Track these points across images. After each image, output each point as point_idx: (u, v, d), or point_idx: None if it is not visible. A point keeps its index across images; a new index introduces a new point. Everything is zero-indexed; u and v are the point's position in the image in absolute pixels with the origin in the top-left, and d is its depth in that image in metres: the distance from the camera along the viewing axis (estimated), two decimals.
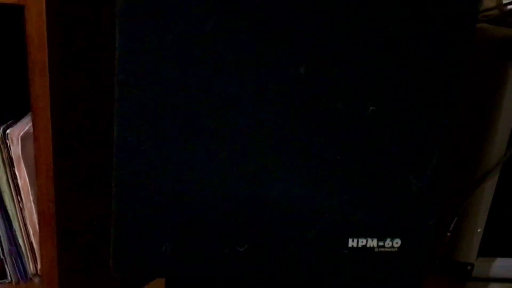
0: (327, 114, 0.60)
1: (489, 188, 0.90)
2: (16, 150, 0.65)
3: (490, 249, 0.96)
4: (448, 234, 0.94)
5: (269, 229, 0.64)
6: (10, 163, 0.66)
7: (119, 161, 0.60)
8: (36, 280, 0.73)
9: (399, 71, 0.59)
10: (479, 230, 0.92)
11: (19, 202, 0.68)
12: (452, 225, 0.93)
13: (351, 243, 0.64)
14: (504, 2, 0.91)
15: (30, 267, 0.72)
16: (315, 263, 0.65)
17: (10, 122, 0.68)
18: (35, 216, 0.68)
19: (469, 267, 0.95)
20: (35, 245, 0.71)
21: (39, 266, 0.72)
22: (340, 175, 0.62)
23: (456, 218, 0.93)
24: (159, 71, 0.57)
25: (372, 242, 0.65)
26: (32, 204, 0.68)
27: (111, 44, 0.56)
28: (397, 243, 0.65)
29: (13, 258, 0.71)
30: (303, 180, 0.62)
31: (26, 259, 0.72)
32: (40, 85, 0.58)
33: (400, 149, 0.61)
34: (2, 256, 0.71)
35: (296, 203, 0.63)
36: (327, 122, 0.60)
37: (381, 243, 0.65)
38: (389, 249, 0.65)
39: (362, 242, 0.65)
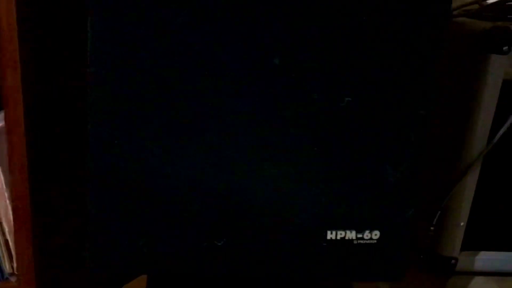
0: (303, 105, 0.59)
1: (471, 182, 0.90)
2: None
3: (473, 243, 0.96)
4: (432, 228, 0.94)
5: (247, 223, 0.63)
6: None
7: (93, 155, 0.59)
8: (13, 279, 0.72)
9: (374, 62, 0.59)
10: (462, 224, 0.92)
11: None
12: (435, 220, 0.93)
13: (330, 235, 0.64)
14: None
15: (6, 266, 0.71)
16: (294, 256, 0.65)
17: None
18: (10, 214, 0.67)
19: (453, 261, 0.95)
20: (11, 244, 0.70)
21: (15, 265, 0.71)
22: (317, 167, 0.62)
23: (439, 212, 0.93)
24: (131, 64, 0.56)
25: (351, 234, 0.64)
26: (7, 201, 0.67)
27: (84, 36, 0.55)
28: (376, 235, 0.65)
29: None
30: (280, 172, 0.62)
31: (2, 258, 0.70)
32: (12, 79, 0.57)
33: (377, 139, 0.61)
34: None
35: (274, 196, 0.62)
36: (303, 114, 0.60)
37: (360, 235, 0.64)
38: (368, 241, 0.65)
39: (340, 234, 0.64)
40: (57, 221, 0.72)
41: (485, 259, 0.97)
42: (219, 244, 0.64)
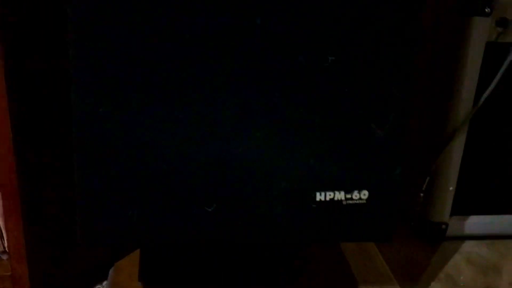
0: (288, 66, 0.59)
1: (458, 146, 0.91)
2: None
3: (463, 208, 0.97)
4: (421, 195, 0.95)
5: (236, 187, 0.63)
6: None
7: (79, 127, 0.59)
8: (4, 257, 0.72)
9: (356, 20, 0.59)
10: (451, 188, 0.93)
11: None
12: (424, 186, 0.94)
13: (319, 197, 0.64)
14: None
15: None
16: (284, 219, 0.65)
17: None
18: None
19: (443, 226, 0.96)
20: (1, 223, 0.70)
21: (6, 243, 0.71)
22: (304, 129, 0.62)
23: (428, 178, 0.94)
24: (114, 33, 0.56)
25: (340, 195, 0.65)
26: None
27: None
28: (364, 194, 0.65)
29: None
30: (267, 136, 0.62)
31: None
32: None
33: (361, 98, 0.61)
34: None
35: (262, 159, 0.62)
36: (289, 76, 0.60)
37: (348, 196, 0.65)
38: (357, 201, 0.65)
39: (329, 195, 0.64)
40: (46, 196, 0.72)
41: (475, 223, 0.98)
42: (210, 210, 0.64)
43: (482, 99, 0.86)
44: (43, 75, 0.67)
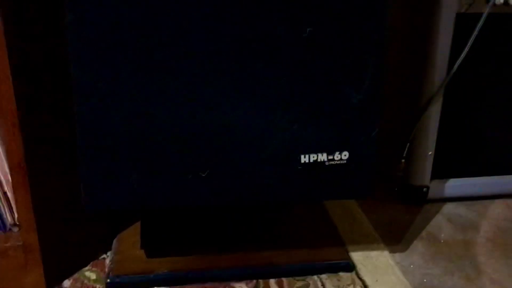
0: (269, 38, 0.65)
1: (435, 112, 0.96)
2: None
3: (443, 171, 1.03)
4: (403, 160, 1.01)
5: (227, 153, 0.69)
6: None
7: (79, 99, 0.64)
8: (15, 229, 0.76)
9: None
10: (430, 153, 0.99)
11: None
12: (405, 152, 1.00)
13: (304, 159, 0.70)
14: None
15: (8, 218, 0.76)
16: (272, 181, 0.71)
17: None
18: (5, 165, 0.71)
19: (424, 189, 1.02)
20: (9, 195, 0.75)
21: (16, 215, 0.76)
22: (286, 96, 0.67)
23: (408, 145, 0.99)
24: (107, 7, 0.60)
25: (323, 156, 0.70)
26: (1, 151, 0.72)
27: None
28: (345, 155, 0.71)
29: None
30: (253, 104, 0.67)
31: (3, 210, 0.75)
32: None
33: (338, 66, 0.66)
34: None
35: (249, 126, 0.68)
36: (271, 47, 0.65)
37: (330, 157, 0.70)
38: (339, 162, 0.71)
39: (313, 157, 0.70)
40: (53, 167, 0.76)
41: (455, 185, 1.04)
42: (203, 175, 0.69)
43: (455, 66, 0.92)
44: (43, 55, 0.72)
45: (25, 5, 0.68)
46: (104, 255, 0.85)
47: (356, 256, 0.86)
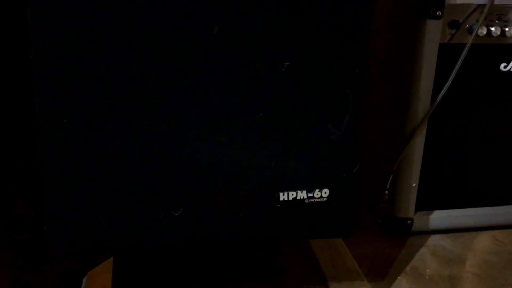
0: (247, 73, 0.62)
1: (418, 143, 0.94)
2: None
3: (427, 203, 1.01)
4: (386, 192, 0.99)
5: (201, 190, 0.66)
6: None
7: (44, 136, 0.60)
8: None
9: (309, 27, 0.62)
10: (414, 185, 0.97)
11: None
12: (388, 183, 0.98)
13: (282, 196, 0.67)
14: None
15: None
16: (250, 219, 0.67)
17: None
18: None
19: (408, 221, 1.00)
20: None
21: None
22: (264, 132, 0.64)
23: (391, 176, 0.97)
24: (74, 37, 0.57)
25: (302, 194, 0.67)
26: None
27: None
28: (325, 193, 0.68)
29: None
30: (229, 140, 0.64)
31: None
32: None
33: (318, 101, 0.64)
34: None
35: (225, 162, 0.65)
36: (248, 81, 0.62)
37: (310, 194, 0.67)
38: (319, 199, 0.68)
39: (292, 195, 0.67)
40: (16, 207, 0.73)
41: (439, 217, 1.02)
42: (176, 214, 0.66)
43: (439, 97, 0.90)
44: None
45: None
46: None
47: None
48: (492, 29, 0.89)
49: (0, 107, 0.71)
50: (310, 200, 0.68)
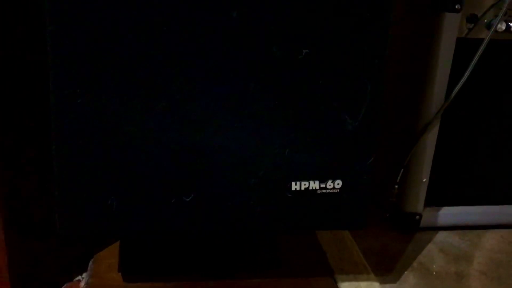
0: (263, 59, 0.61)
1: (430, 139, 0.93)
2: None
3: (436, 199, 1.00)
4: (396, 187, 0.98)
5: (214, 177, 0.65)
6: None
7: (57, 116, 0.60)
8: None
9: (329, 14, 0.60)
10: (424, 180, 0.96)
11: None
12: (398, 178, 0.97)
13: (294, 186, 0.66)
14: None
15: None
16: (261, 208, 0.67)
17: None
18: None
19: (417, 217, 0.99)
20: None
21: None
22: (279, 119, 0.64)
23: (402, 170, 0.96)
24: (90, 18, 0.56)
25: (314, 184, 0.67)
26: None
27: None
28: (338, 184, 0.67)
29: None
30: (244, 127, 0.63)
31: None
32: None
33: (334, 89, 0.63)
34: None
35: (238, 149, 0.64)
36: (264, 67, 0.62)
37: (323, 185, 0.67)
38: (331, 190, 0.67)
39: (304, 185, 0.66)
40: (26, 190, 0.73)
41: (448, 213, 1.01)
42: (187, 199, 0.65)
43: (454, 93, 0.89)
44: (21, 67, 0.68)
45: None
46: (79, 277, 0.80)
47: (345, 287, 0.82)
48: None
49: (8, 93, 0.70)
50: (322, 190, 0.67)
